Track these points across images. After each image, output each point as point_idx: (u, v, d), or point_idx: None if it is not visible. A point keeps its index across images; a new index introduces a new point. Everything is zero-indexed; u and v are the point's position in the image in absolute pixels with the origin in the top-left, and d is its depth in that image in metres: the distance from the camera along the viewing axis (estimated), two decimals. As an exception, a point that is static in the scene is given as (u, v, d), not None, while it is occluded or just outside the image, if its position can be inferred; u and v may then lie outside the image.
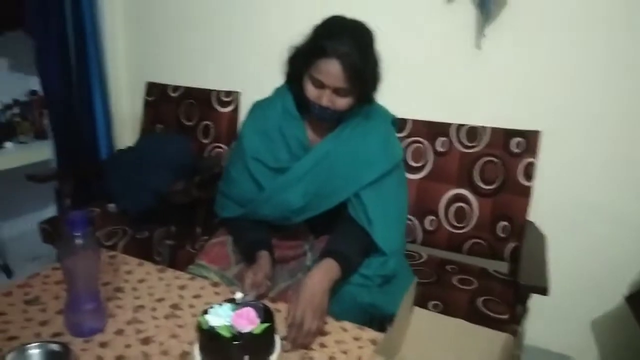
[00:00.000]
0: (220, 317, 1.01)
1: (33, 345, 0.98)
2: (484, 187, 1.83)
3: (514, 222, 1.79)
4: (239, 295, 1.09)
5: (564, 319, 1.99)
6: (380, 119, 1.44)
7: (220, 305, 1.05)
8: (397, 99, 1.57)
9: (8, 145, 2.47)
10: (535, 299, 1.47)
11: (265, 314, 1.04)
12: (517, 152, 1.80)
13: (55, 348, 0.98)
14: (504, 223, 1.80)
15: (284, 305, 1.22)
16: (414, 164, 1.92)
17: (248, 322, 1.00)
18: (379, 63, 1.34)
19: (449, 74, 2.00)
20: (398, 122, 1.55)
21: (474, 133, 1.86)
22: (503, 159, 1.81)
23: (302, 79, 1.32)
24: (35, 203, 2.99)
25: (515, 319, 1.50)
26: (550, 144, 1.81)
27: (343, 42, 1.24)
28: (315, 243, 1.48)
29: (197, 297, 1.26)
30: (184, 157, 2.20)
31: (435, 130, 1.91)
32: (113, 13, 2.59)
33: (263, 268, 1.26)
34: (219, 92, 2.36)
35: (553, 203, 1.89)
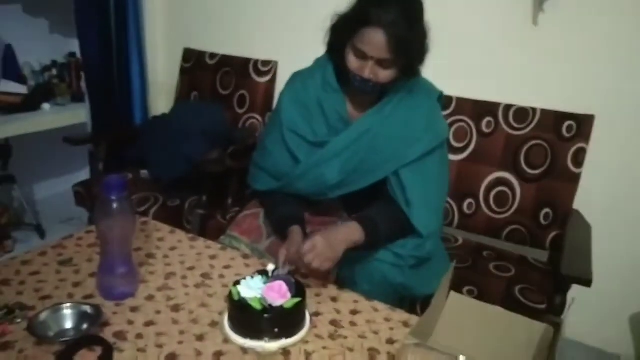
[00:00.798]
0: (252, 289, 1.01)
1: (66, 306, 0.99)
2: (530, 171, 1.75)
3: (558, 209, 1.72)
4: (271, 267, 1.07)
5: (603, 313, 1.92)
6: (426, 95, 1.36)
7: (252, 277, 1.04)
8: (443, 75, 1.50)
9: (45, 107, 2.49)
10: (574, 291, 1.41)
11: (297, 289, 1.02)
12: (567, 136, 1.71)
13: (88, 310, 0.98)
14: (548, 210, 1.73)
15: (315, 281, 1.20)
16: (456, 145, 1.86)
17: (279, 295, 0.99)
18: (427, 35, 1.25)
19: (501, 50, 1.91)
20: (443, 98, 1.48)
21: (523, 114, 1.78)
22: (552, 143, 1.73)
23: (344, 49, 1.25)
24: (70, 165, 3.05)
25: (554, 310, 1.45)
26: (602, 130, 1.72)
27: (389, 10, 1.16)
28: (348, 220, 1.44)
29: (227, 267, 1.24)
30: (219, 126, 2.19)
31: (482, 110, 1.84)
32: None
33: (295, 244, 1.23)
34: (257, 61, 2.32)
35: (601, 192, 1.81)
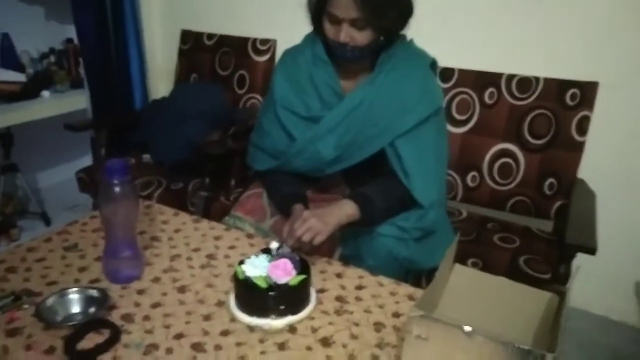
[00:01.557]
0: (257, 267, 1.01)
1: (72, 290, 1.00)
2: (533, 141, 1.73)
3: (563, 179, 1.70)
4: (274, 245, 1.07)
5: (608, 280, 1.93)
6: (417, 62, 1.33)
7: (257, 256, 1.04)
8: (444, 46, 1.48)
9: (45, 94, 2.47)
10: (578, 260, 1.40)
11: (302, 266, 1.03)
12: (571, 104, 1.68)
13: (94, 293, 0.99)
14: (552, 180, 1.72)
15: (320, 258, 1.20)
16: (459, 117, 1.83)
17: (284, 273, 0.99)
18: None
19: (504, 20, 1.87)
20: (439, 67, 1.45)
21: (526, 84, 1.75)
22: (555, 112, 1.70)
23: (322, 21, 1.25)
24: (72, 152, 3.05)
25: (559, 280, 1.44)
26: (606, 97, 1.69)
27: None
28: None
29: (232, 247, 1.25)
30: (219, 107, 2.17)
31: (484, 81, 1.81)
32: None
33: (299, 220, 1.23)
34: (255, 39, 2.29)
35: (605, 160, 1.80)
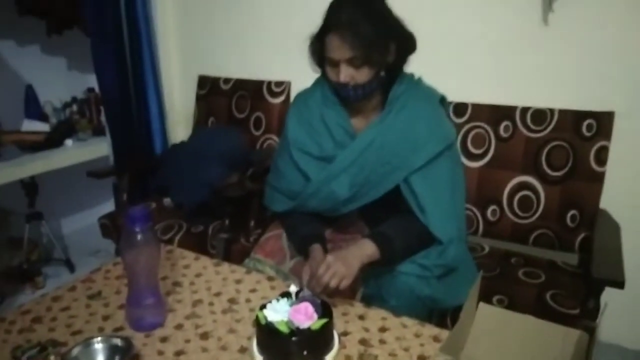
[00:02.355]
0: (278, 312, 1.01)
1: (97, 340, 1.00)
2: (552, 173, 1.72)
3: (585, 210, 1.68)
4: (294, 289, 1.07)
5: (638, 312, 1.85)
6: (426, 100, 1.35)
7: (278, 300, 1.04)
8: (455, 81, 1.50)
9: (68, 143, 2.55)
10: (607, 293, 1.37)
11: (323, 310, 1.02)
12: (588, 135, 1.68)
13: (119, 342, 0.99)
14: (574, 211, 1.69)
15: (342, 300, 1.19)
16: (475, 151, 1.84)
17: (306, 317, 0.99)
18: (396, 26, 1.27)
19: (514, 53, 1.89)
20: (452, 102, 1.46)
21: (541, 116, 1.76)
22: (573, 143, 1.70)
23: (324, 65, 1.30)
24: (95, 198, 3.11)
25: (588, 315, 1.40)
26: (624, 127, 1.68)
27: (343, 12, 1.21)
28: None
29: (253, 291, 1.25)
30: (237, 150, 2.21)
31: (498, 114, 1.82)
32: (165, 9, 2.63)
33: (317, 261, 1.23)
34: (270, 82, 2.35)
35: (627, 190, 1.77)
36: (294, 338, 0.96)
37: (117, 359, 0.96)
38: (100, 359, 0.97)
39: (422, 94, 1.35)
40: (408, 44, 1.30)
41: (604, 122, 1.66)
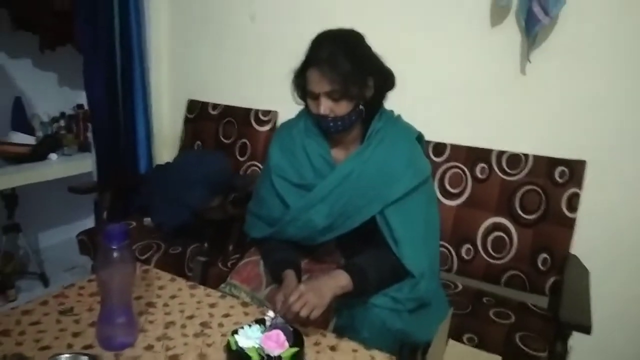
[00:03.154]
0: (250, 338, 1.01)
1: (64, 357, 0.99)
2: (525, 216, 1.77)
3: (556, 254, 1.72)
4: (270, 314, 1.08)
5: (605, 357, 1.88)
6: (404, 136, 1.40)
7: (250, 326, 1.04)
8: (436, 123, 1.55)
9: (52, 157, 2.55)
10: (575, 337, 1.39)
11: (295, 338, 1.03)
12: (560, 181, 1.74)
13: (86, 360, 0.98)
14: (545, 255, 1.74)
15: (314, 330, 1.20)
16: (452, 190, 1.88)
17: (277, 345, 0.99)
18: (375, 63, 1.33)
19: (492, 99, 1.96)
20: (432, 142, 1.51)
21: (516, 160, 1.82)
22: (546, 188, 1.75)
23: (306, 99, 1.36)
24: (75, 214, 3.08)
25: (555, 358, 1.42)
26: (596, 175, 1.75)
27: (322, 48, 1.28)
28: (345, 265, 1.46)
29: (226, 316, 1.24)
30: (221, 174, 2.22)
31: (476, 156, 1.88)
32: (158, 33, 2.67)
33: (291, 287, 1.24)
34: (258, 110, 2.39)
35: (597, 237, 1.81)
36: (264, 365, 0.96)
37: (83, 377, 0.96)
38: (67, 376, 0.97)
39: (400, 130, 1.40)
40: (387, 81, 1.36)
41: (576, 170, 1.72)
